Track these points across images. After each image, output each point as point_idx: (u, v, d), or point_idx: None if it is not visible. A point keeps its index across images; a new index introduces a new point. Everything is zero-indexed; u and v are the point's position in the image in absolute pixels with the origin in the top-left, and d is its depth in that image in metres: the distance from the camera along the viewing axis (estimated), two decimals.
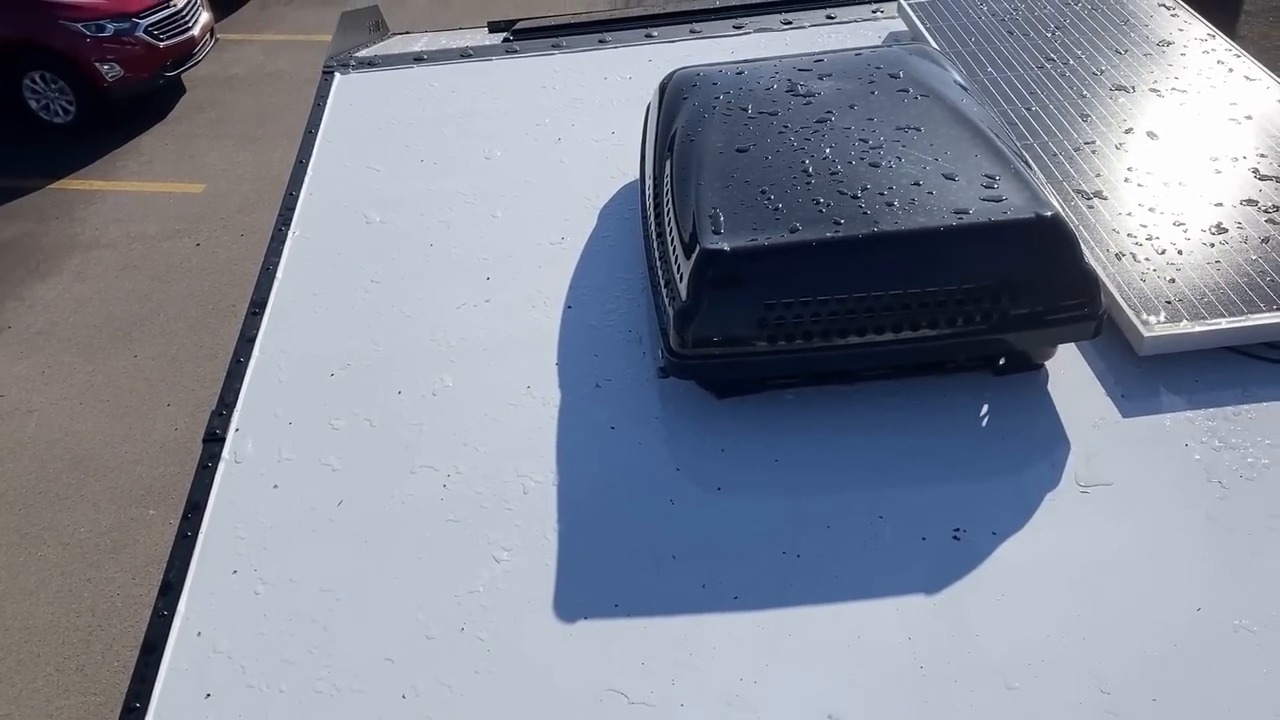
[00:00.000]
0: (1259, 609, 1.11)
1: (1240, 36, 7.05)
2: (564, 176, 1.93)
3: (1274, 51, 6.99)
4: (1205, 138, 1.75)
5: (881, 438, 1.36)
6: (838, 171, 1.43)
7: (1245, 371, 1.40)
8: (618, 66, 2.27)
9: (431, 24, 8.77)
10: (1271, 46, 7.09)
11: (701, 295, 1.33)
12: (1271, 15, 7.47)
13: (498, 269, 1.72)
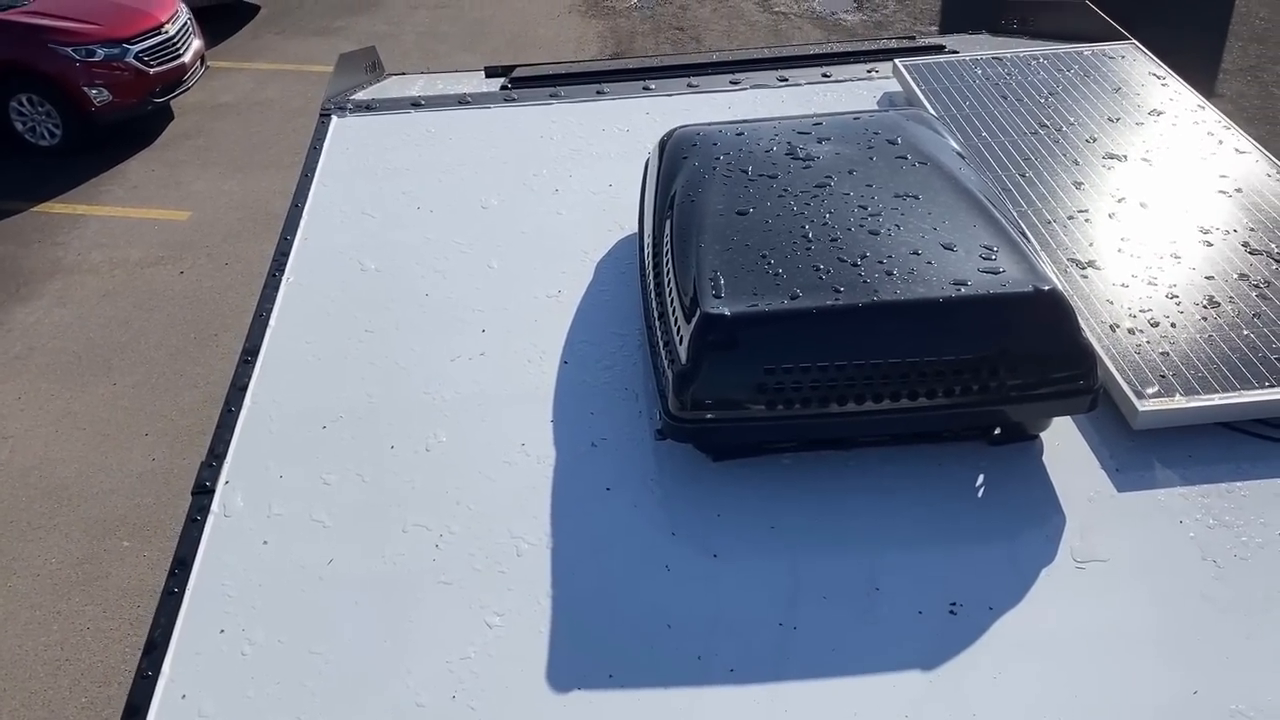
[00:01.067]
0: (1255, 694, 1.11)
1: (1218, 95, 7.17)
2: (561, 228, 1.93)
3: (1251, 110, 7.12)
4: (1197, 209, 1.77)
5: (877, 506, 1.36)
6: (838, 238, 1.44)
7: (1238, 448, 1.41)
8: (615, 118, 2.29)
9: (423, 57, 8.83)
10: (1249, 105, 7.22)
11: (701, 359, 1.33)
12: (1248, 74, 7.62)
13: (493, 322, 1.71)
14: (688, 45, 8.57)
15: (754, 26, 8.87)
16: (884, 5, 9.03)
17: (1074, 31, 2.67)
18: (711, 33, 8.80)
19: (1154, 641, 1.18)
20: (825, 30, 8.69)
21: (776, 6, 9.16)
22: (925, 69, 2.28)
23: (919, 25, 8.59)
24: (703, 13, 9.27)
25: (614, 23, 9.25)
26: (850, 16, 8.91)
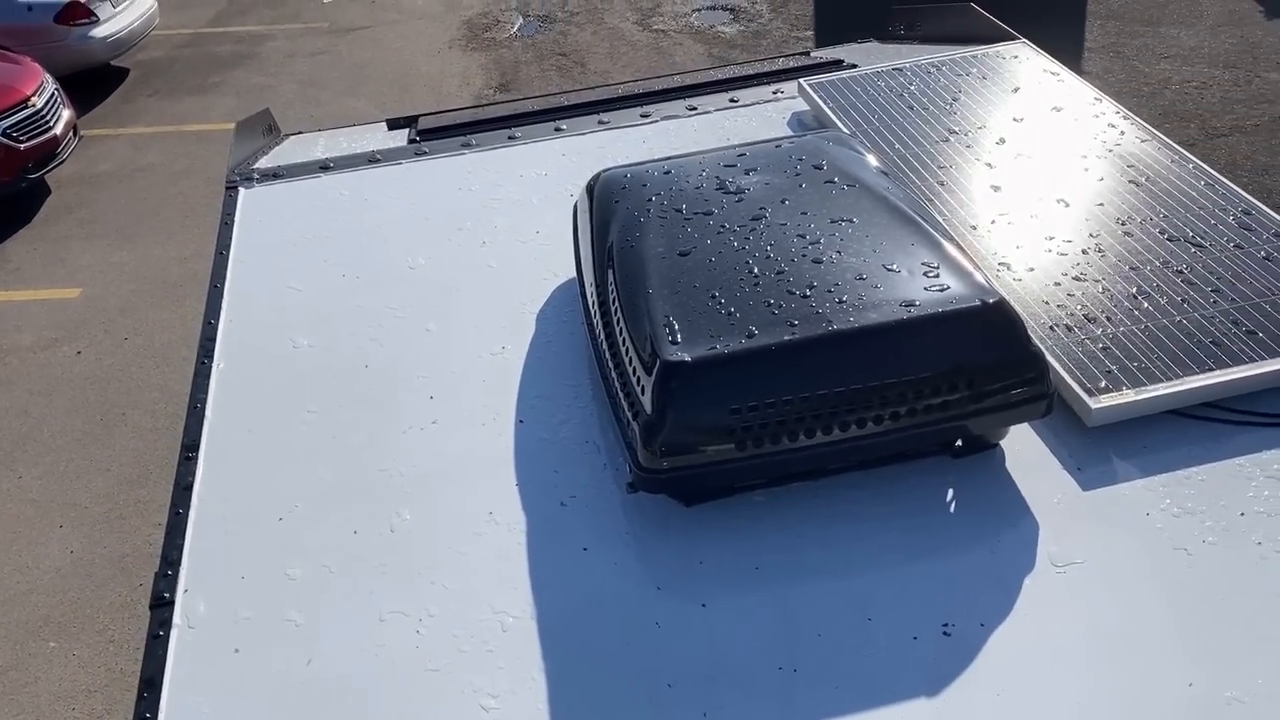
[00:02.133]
0: (1244, 679, 1.14)
1: (1086, 73, 7.46)
2: (494, 281, 1.91)
3: (1118, 84, 7.42)
4: (1111, 201, 1.83)
5: (855, 533, 1.36)
6: (783, 271, 1.45)
7: (1190, 433, 1.45)
8: (531, 162, 2.27)
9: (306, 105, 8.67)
10: (1116, 80, 7.53)
11: (666, 408, 1.32)
12: (1110, 51, 7.95)
13: (440, 386, 1.68)
14: (573, 71, 8.59)
15: (636, 46, 8.93)
16: (759, 15, 9.18)
17: (962, 33, 2.74)
18: (595, 55, 8.84)
19: (1141, 638, 1.20)
20: (706, 44, 8.79)
21: (655, 24, 9.25)
22: (830, 86, 2.31)
23: (795, 32, 8.75)
24: (583, 36, 9.30)
25: (496, 54, 9.22)
26: (728, 29, 9.04)
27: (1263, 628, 1.19)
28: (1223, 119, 6.74)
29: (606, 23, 9.47)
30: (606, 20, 9.52)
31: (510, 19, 9.84)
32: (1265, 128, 6.57)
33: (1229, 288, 1.61)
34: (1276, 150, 6.31)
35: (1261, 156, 6.26)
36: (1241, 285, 1.62)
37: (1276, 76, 7.14)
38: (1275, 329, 1.52)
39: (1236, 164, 6.21)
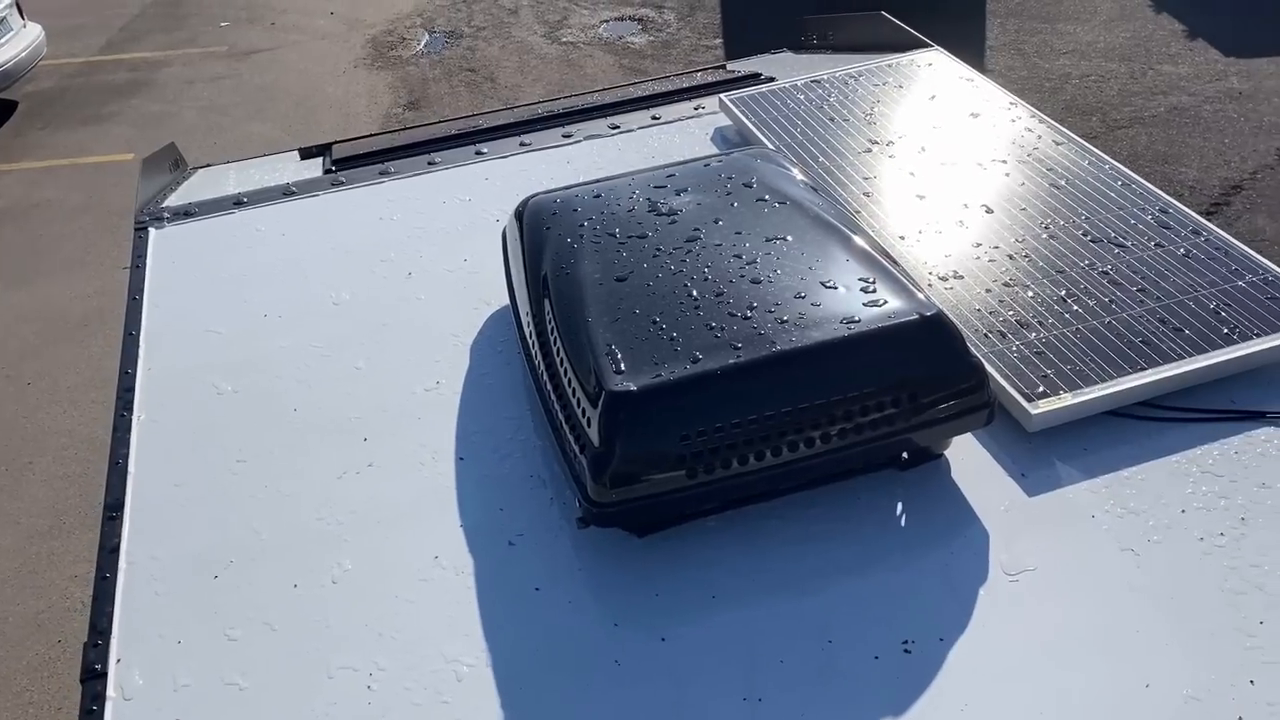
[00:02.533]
0: (1198, 676, 1.16)
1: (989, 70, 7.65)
2: (423, 314, 1.86)
3: (1021, 81, 7.61)
4: (1034, 206, 1.86)
5: (809, 554, 1.35)
6: (723, 293, 1.44)
7: (1126, 433, 1.47)
8: (453, 188, 2.22)
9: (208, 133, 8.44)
10: (1018, 77, 7.72)
11: (614, 440, 1.29)
12: (1011, 48, 8.15)
13: (374, 427, 1.63)
14: (483, 86, 8.51)
15: (545, 59, 8.90)
16: (667, 25, 9.22)
17: (874, 41, 2.78)
18: (504, 70, 8.78)
19: (1098, 641, 1.21)
20: (616, 54, 8.80)
21: (564, 37, 9.22)
22: (751, 101, 2.31)
23: (703, 41, 8.81)
24: (491, 51, 9.23)
25: (403, 72, 9.10)
26: (637, 39, 9.06)
27: (1211, 623, 1.21)
28: (1122, 111, 6.96)
29: (514, 36, 9.42)
30: (514, 34, 9.47)
31: (416, 36, 9.73)
32: (1162, 118, 6.80)
33: (1153, 286, 1.65)
34: (1174, 140, 6.54)
35: (1160, 146, 6.48)
36: (1165, 284, 1.65)
37: (1169, 68, 7.40)
38: (1201, 325, 1.56)
39: (1138, 154, 6.42)
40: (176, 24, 10.73)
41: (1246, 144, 6.49)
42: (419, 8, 10.25)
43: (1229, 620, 1.21)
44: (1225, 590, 1.25)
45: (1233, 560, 1.28)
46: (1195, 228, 1.76)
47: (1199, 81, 7.25)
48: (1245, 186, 6.11)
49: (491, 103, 8.11)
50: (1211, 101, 6.98)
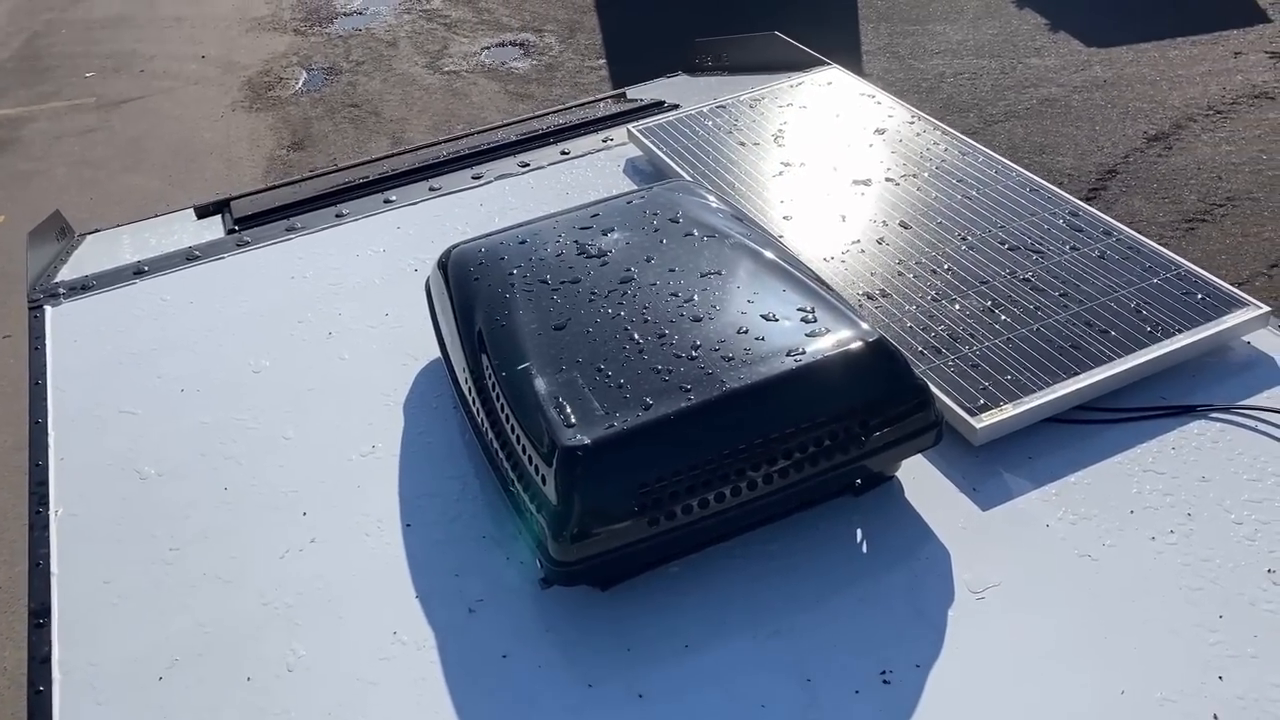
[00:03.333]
0: (1169, 678, 1.18)
1: (866, 75, 7.83)
2: (350, 375, 1.80)
3: (898, 84, 7.82)
4: (950, 219, 1.89)
5: (776, 590, 1.34)
6: (665, 334, 1.42)
7: (1067, 437, 1.51)
8: (366, 240, 2.17)
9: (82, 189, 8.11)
10: (895, 80, 7.92)
11: (573, 497, 1.26)
12: (886, 52, 8.36)
13: (312, 499, 1.56)
14: (368, 121, 8.37)
15: (429, 90, 8.80)
16: (549, 49, 9.21)
17: (769, 61, 2.81)
18: (388, 103, 8.65)
19: (1069, 652, 1.23)
20: (500, 81, 8.75)
21: (446, 66, 9.13)
22: (660, 131, 2.31)
23: (587, 62, 8.83)
24: (373, 85, 9.09)
25: (283, 112, 8.89)
26: (520, 64, 9.02)
27: (1174, 623, 1.24)
28: (997, 106, 7.19)
29: (395, 69, 9.28)
30: (395, 66, 9.34)
31: (293, 74, 9.52)
32: (1035, 110, 7.06)
33: (1075, 290, 1.69)
34: (1049, 130, 6.78)
35: (1036, 138, 6.71)
36: (1085, 286, 1.69)
37: (1037, 61, 7.69)
38: (1125, 325, 1.60)
39: (1016, 147, 6.64)
40: (38, 78, 10.30)
41: (1115, 130, 6.76)
42: (294, 46, 10.04)
43: (1190, 618, 1.24)
44: (1182, 588, 1.28)
45: (1185, 557, 1.31)
46: (1106, 229, 1.81)
47: (1065, 72, 7.54)
48: (1119, 171, 6.37)
49: (378, 138, 7.99)
50: (1079, 91, 7.26)
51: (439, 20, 9.97)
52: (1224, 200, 5.91)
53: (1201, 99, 6.90)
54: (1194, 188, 6.06)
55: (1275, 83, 6.96)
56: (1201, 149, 6.39)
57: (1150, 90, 7.10)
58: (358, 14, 10.30)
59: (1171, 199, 5.97)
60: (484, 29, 9.71)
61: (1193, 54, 7.47)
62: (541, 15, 9.80)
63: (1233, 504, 1.37)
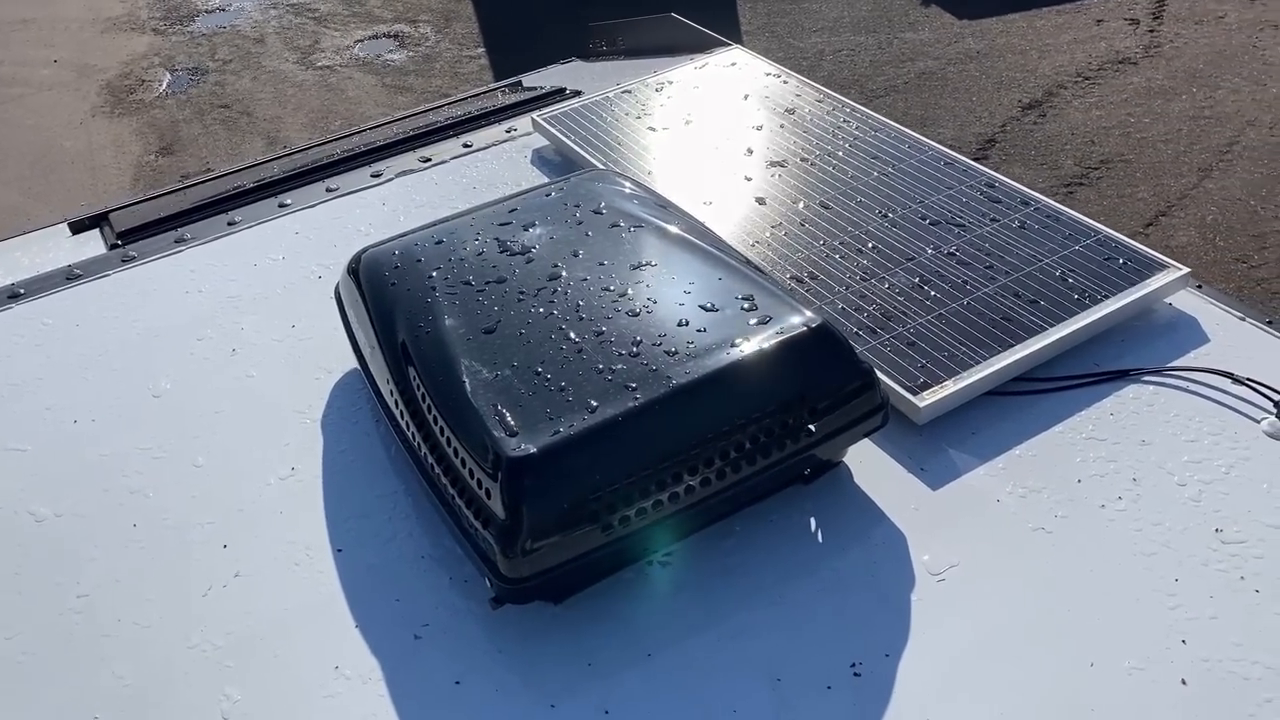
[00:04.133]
0: (1134, 646, 1.18)
1: None
2: (259, 393, 1.69)
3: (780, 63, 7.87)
4: (870, 196, 1.87)
5: (737, 588, 1.30)
6: (602, 331, 1.36)
7: (1007, 410, 1.50)
8: (263, 248, 2.04)
9: None
10: (776, 58, 7.97)
11: (522, 510, 1.20)
12: (765, 31, 8.42)
13: (232, 530, 1.46)
14: (240, 122, 8.04)
15: (303, 87, 8.50)
16: (425, 39, 9.00)
17: (667, 43, 2.76)
18: (261, 102, 8.33)
19: (1035, 628, 1.22)
20: (377, 74, 8.51)
21: (319, 62, 8.84)
22: (566, 118, 2.24)
23: (465, 51, 8.65)
24: (243, 84, 8.74)
25: (148, 116, 8.48)
26: (396, 56, 8.79)
27: (1133, 590, 1.24)
28: (876, 81, 7.31)
29: (265, 66, 8.94)
30: (264, 64, 9.00)
31: (156, 76, 9.08)
32: (913, 84, 7.19)
33: (999, 261, 1.69)
34: (928, 104, 6.92)
35: (917, 111, 6.84)
36: (1009, 257, 1.70)
37: (911, 35, 7.83)
38: (1054, 295, 1.61)
39: (899, 121, 6.75)
40: None
41: (991, 99, 6.94)
42: (154, 47, 9.58)
43: (1148, 583, 1.25)
44: (1137, 554, 1.28)
45: (1136, 523, 1.32)
46: (1023, 199, 1.82)
47: (940, 46, 7.71)
48: (997, 140, 6.54)
49: (253, 138, 7.69)
50: (954, 63, 7.43)
51: (308, 14, 9.65)
52: (1098, 163, 6.12)
53: (1070, 66, 7.14)
54: (1069, 153, 6.26)
55: (1136, 49, 7.24)
56: (1074, 115, 6.60)
57: (1021, 60, 7.30)
58: (220, 10, 9.90)
59: (1050, 165, 6.16)
60: (356, 22, 9.43)
61: (1058, 23, 7.71)
62: (415, 6, 9.58)
63: (1174, 466, 1.39)
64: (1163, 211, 5.68)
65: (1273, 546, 1.27)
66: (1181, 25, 7.46)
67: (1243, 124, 6.27)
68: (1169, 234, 5.47)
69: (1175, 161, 6.03)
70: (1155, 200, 5.76)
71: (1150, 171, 5.98)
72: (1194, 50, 7.12)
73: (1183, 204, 5.72)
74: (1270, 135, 6.12)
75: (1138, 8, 7.79)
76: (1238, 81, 6.70)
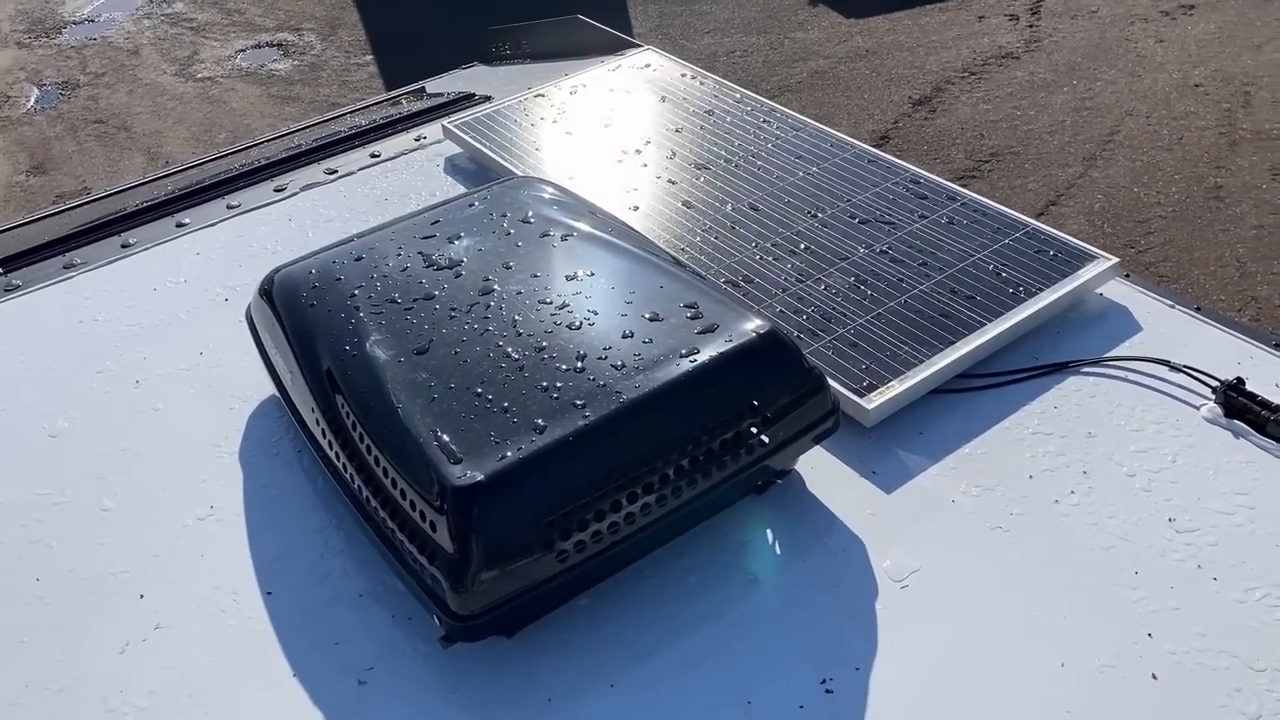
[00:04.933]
0: (1102, 643, 1.17)
1: None
2: (168, 427, 1.58)
3: None
4: (798, 197, 1.85)
5: (697, 608, 1.25)
6: (544, 346, 1.30)
7: (953, 408, 1.49)
8: (162, 271, 1.92)
9: None
10: None
11: (471, 542, 1.12)
12: (658, 33, 8.42)
13: (149, 580, 1.35)
14: (117, 137, 7.69)
15: (183, 100, 8.18)
16: (310, 47, 8.75)
17: (573, 46, 2.71)
18: (139, 117, 7.98)
19: (1002, 630, 1.20)
20: (261, 85, 8.23)
21: (199, 73, 8.51)
22: (478, 125, 2.17)
23: (353, 59, 8.44)
24: (118, 98, 8.36)
25: (16, 134, 8.05)
26: (280, 65, 8.52)
27: (1095, 585, 1.24)
28: (770, 81, 7.37)
29: (141, 79, 8.57)
30: (140, 76, 8.62)
31: (21, 92, 8.63)
32: (807, 83, 7.27)
33: (933, 259, 1.68)
34: (822, 102, 7.00)
35: (812, 110, 6.92)
36: (942, 253, 1.69)
37: (801, 35, 7.93)
38: (989, 289, 1.60)
39: None
40: None
41: (883, 96, 7.06)
42: (18, 61, 9.11)
43: (1109, 578, 1.24)
44: (1095, 548, 1.28)
45: (1091, 516, 1.32)
46: (950, 194, 1.82)
47: (830, 45, 7.81)
48: (891, 136, 6.65)
49: (132, 154, 7.36)
50: (845, 62, 7.54)
51: (184, 24, 9.30)
52: (989, 156, 6.27)
53: (956, 62, 7.31)
54: (960, 146, 6.40)
55: (1018, 43, 7.46)
56: (962, 109, 6.76)
57: (909, 57, 7.45)
58: (90, 22, 9.47)
59: (942, 159, 6.29)
60: (236, 31, 9.11)
61: (942, 20, 7.90)
62: (298, 13, 9.31)
63: (1122, 457, 1.39)
64: (1053, 201, 5.85)
65: (1225, 534, 1.28)
66: (1058, 20, 7.71)
67: (1122, 114, 6.50)
68: (1060, 222, 5.63)
69: (1061, 152, 6.22)
70: (1045, 190, 5.93)
71: (1038, 162, 6.15)
72: (1072, 44, 7.36)
73: (1071, 193, 5.90)
74: (1148, 124, 6.37)
75: (1017, 4, 8.02)
76: (1114, 73, 6.95)
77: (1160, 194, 5.76)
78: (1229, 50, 7.03)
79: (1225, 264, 5.20)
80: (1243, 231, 5.39)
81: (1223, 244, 5.33)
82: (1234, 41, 7.12)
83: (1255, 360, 1.51)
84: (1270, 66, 6.79)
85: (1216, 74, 6.78)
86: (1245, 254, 5.25)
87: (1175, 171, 5.92)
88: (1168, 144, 6.16)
